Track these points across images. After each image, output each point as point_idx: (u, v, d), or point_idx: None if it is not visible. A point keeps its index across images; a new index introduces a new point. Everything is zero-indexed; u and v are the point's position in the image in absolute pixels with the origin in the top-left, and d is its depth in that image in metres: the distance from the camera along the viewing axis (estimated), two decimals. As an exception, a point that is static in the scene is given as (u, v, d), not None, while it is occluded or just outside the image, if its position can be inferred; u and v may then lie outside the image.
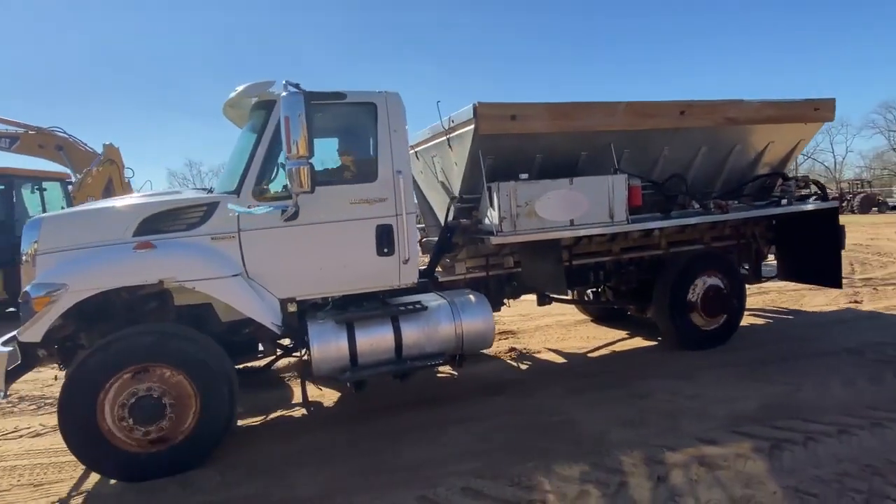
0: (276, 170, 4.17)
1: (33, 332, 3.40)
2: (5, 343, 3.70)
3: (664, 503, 2.90)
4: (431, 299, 4.52)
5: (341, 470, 3.50)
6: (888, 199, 32.82)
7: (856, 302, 7.52)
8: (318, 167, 3.77)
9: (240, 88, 4.16)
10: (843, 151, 65.38)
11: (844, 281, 8.58)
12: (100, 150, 11.38)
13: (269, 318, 3.83)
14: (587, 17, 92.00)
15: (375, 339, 4.08)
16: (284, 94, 3.55)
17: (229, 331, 4.09)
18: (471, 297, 4.62)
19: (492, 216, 4.72)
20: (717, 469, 3.22)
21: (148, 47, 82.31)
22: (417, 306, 4.29)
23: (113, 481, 3.57)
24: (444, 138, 5.14)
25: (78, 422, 3.38)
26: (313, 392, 5.03)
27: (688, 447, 3.50)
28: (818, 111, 6.04)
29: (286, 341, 4.62)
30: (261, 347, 4.54)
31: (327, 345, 3.96)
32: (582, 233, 4.98)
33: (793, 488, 2.97)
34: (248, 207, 3.81)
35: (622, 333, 6.52)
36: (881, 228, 18.36)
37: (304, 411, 4.74)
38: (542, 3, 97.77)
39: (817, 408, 4.01)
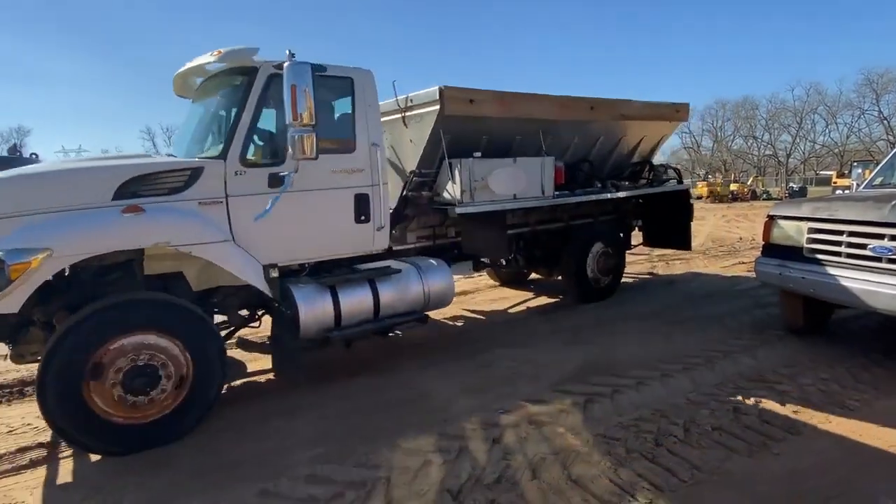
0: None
1: (9, 302, 3.07)
2: None
3: (498, 462, 3.17)
4: (398, 265, 4.80)
5: (179, 473, 3.19)
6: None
7: (652, 273, 8.95)
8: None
9: (215, 53, 4.02)
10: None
11: (644, 256, 10.22)
12: None
13: (261, 283, 3.85)
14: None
15: (357, 301, 4.37)
16: (289, 63, 3.59)
17: (198, 301, 3.94)
18: (432, 262, 5.06)
19: (453, 190, 5.24)
20: (543, 425, 3.61)
21: None
22: (391, 270, 4.60)
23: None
24: (400, 116, 5.46)
25: (63, 396, 3.14)
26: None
27: (520, 409, 3.87)
28: (678, 112, 7.56)
29: (243, 312, 4.54)
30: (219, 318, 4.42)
31: (314, 307, 4.14)
32: (524, 205, 5.80)
33: (601, 435, 3.45)
34: (236, 174, 3.84)
35: (507, 298, 6.94)
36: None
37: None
38: None
39: (623, 364, 4.70)
